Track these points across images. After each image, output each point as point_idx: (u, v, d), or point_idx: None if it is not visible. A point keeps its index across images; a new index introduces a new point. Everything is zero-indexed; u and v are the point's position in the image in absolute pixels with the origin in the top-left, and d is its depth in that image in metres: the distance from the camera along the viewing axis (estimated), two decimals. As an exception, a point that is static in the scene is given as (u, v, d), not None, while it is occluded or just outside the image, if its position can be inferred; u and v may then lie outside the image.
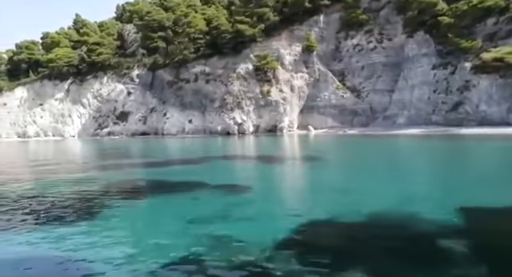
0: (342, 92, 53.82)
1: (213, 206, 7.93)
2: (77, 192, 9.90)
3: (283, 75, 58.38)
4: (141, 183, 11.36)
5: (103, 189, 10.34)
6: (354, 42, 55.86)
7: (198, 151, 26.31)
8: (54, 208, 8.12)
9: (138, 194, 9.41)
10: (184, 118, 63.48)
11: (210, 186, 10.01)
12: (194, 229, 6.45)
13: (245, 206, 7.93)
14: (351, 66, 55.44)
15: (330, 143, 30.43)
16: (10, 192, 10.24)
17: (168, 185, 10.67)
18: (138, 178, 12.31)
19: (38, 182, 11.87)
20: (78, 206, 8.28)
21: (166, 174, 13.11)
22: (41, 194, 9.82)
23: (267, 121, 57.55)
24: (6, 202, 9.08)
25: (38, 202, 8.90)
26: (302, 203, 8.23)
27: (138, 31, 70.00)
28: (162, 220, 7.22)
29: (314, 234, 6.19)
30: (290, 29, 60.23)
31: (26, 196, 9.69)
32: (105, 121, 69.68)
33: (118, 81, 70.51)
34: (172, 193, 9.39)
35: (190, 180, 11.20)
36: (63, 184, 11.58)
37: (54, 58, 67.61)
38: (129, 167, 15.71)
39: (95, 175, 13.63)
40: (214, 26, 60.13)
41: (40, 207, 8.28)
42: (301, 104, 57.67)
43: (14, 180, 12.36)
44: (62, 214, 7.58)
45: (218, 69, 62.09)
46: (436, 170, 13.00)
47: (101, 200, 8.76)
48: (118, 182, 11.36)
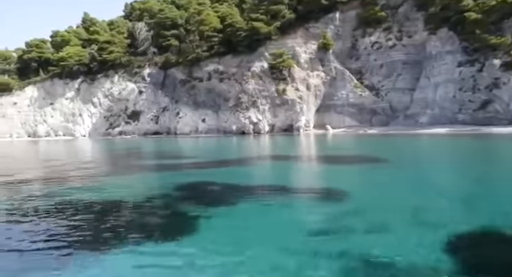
0: (360, 91, 52.74)
1: (319, 215, 6.94)
2: (147, 198, 8.90)
3: (299, 74, 57.35)
4: (210, 187, 10.32)
5: (174, 194, 9.35)
6: (372, 39, 54.78)
7: (231, 151, 25.30)
8: (132, 221, 7.10)
9: (218, 200, 8.41)
10: (197, 118, 62.51)
11: (293, 190, 9.00)
12: (317, 244, 5.44)
13: (358, 214, 6.91)
14: (369, 64, 54.35)
15: (364, 143, 29.35)
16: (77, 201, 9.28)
17: (242, 189, 9.67)
18: (201, 181, 11.29)
19: (98, 188, 10.89)
20: (160, 217, 7.25)
21: (227, 176, 12.12)
22: (108, 202, 8.86)
23: (283, 120, 56.53)
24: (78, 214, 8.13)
25: (115, 215, 7.81)
26: (422, 210, 7.19)
27: (149, 29, 69.04)
28: (270, 232, 6.18)
29: (480, 248, 5.20)
30: (305, 26, 59.22)
31: (99, 203, 8.74)
32: (116, 120, 68.78)
33: (129, 80, 69.60)
34: (257, 198, 8.37)
35: (263, 183, 10.21)
36: (124, 188, 10.61)
37: (64, 57, 66.73)
38: (180, 168, 14.69)
39: (151, 177, 12.65)
40: (229, 24, 59.14)
41: (117, 220, 7.29)
42: (317, 103, 56.63)
43: (73, 187, 11.39)
44: (147, 227, 6.55)
45: (232, 67, 61.10)
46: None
47: (180, 207, 7.78)
48: (183, 186, 10.35)
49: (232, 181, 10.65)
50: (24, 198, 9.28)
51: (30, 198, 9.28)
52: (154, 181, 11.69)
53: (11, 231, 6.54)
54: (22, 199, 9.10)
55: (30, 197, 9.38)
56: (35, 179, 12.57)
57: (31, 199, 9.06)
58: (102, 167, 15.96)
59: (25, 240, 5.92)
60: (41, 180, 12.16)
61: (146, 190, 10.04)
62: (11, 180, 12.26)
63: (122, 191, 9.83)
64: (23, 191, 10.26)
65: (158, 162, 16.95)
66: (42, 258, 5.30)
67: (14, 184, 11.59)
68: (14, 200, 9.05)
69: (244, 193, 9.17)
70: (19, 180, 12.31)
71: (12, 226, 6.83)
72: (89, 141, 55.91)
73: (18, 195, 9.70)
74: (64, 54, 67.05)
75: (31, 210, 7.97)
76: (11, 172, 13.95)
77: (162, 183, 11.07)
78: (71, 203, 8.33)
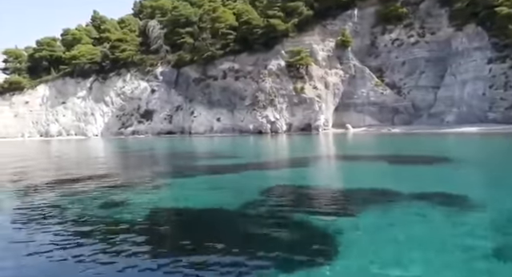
0: (381, 89, 51.51)
1: (465, 226, 5.83)
2: (243, 204, 7.78)
3: (316, 72, 56.18)
4: (302, 191, 9.22)
5: (268, 199, 8.22)
6: (393, 36, 53.53)
7: (271, 150, 24.06)
8: (251, 236, 5.97)
9: (328, 207, 7.32)
10: (212, 117, 61.45)
11: (406, 195, 7.86)
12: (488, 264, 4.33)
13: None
14: (389, 61, 53.11)
15: (399, 142, 28.11)
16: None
17: (341, 194, 8.58)
18: (283, 184, 10.15)
19: (184, 195, 9.75)
20: (282, 231, 6.09)
21: (304, 178, 11.02)
22: (199, 209, 7.77)
23: (300, 119, 55.39)
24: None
25: (227, 227, 6.59)
26: None
27: (162, 27, 68.02)
28: (431, 246, 5.09)
29: None
30: (322, 24, 58.02)
31: (192, 211, 7.66)
32: (128, 119, 67.84)
33: (142, 78, 68.67)
34: (376, 205, 7.25)
35: (360, 186, 9.08)
36: (208, 192, 9.51)
37: (77, 55, 65.86)
38: (237, 169, 13.51)
39: (221, 180, 11.53)
40: (244, 21, 58.02)
41: (232, 233, 6.17)
42: (335, 102, 55.46)
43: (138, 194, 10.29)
44: (273, 245, 5.43)
45: (248, 65, 59.99)
46: None
47: (292, 216, 6.65)
48: (268, 189, 9.25)
49: (317, 183, 9.58)
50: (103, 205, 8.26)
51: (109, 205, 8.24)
52: (230, 184, 10.58)
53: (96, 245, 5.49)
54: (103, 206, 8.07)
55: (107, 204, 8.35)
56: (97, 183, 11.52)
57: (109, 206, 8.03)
58: (160, 169, 14.87)
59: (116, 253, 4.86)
60: (128, 186, 11.09)
61: (233, 194, 8.93)
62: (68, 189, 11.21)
63: (209, 197, 8.75)
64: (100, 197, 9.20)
65: (210, 163, 15.78)
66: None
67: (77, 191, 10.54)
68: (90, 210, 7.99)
69: (349, 198, 8.06)
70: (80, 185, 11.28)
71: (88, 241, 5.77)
72: (104, 140, 54.93)
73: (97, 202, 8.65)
74: (76, 52, 66.20)
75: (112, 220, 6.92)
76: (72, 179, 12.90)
77: (241, 186, 9.96)
78: (162, 210, 7.29)
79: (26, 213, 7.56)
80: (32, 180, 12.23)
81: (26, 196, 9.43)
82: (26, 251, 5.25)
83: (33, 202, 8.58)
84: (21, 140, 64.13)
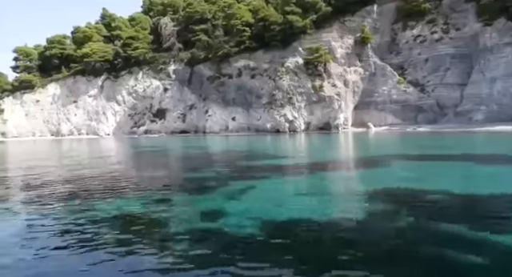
0: (403, 87, 50.05)
1: None
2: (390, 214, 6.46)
3: (335, 69, 54.81)
4: (423, 196, 7.86)
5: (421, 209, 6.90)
6: (415, 32, 52.08)
7: (312, 150, 22.57)
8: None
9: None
10: (227, 116, 60.19)
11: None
12: None
13: None
14: (412, 58, 51.64)
15: (437, 141, 26.66)
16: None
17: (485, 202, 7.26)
18: (390, 188, 8.85)
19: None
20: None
21: (398, 180, 9.69)
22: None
23: (319, 118, 54.04)
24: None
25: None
26: None
27: (175, 24, 66.80)
28: None
29: None
30: (340, 20, 56.65)
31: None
32: (141, 118, 66.68)
33: (154, 77, 67.56)
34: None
35: (485, 192, 7.74)
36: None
37: (88, 53, 64.70)
38: (309, 170, 12.25)
39: (306, 183, 10.24)
40: (261, 18, 56.70)
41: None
42: (355, 100, 54.09)
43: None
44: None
45: (264, 63, 58.69)
46: None
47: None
48: (373, 194, 7.95)
49: (427, 186, 8.27)
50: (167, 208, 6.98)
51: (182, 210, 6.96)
52: (316, 187, 9.25)
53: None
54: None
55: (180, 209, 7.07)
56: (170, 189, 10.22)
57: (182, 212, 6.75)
58: (225, 170, 13.55)
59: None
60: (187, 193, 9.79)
61: (337, 200, 7.62)
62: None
63: (313, 203, 7.44)
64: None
65: (268, 163, 14.39)
66: None
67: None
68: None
69: (497, 207, 6.72)
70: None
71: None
72: (119, 140, 53.70)
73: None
74: (88, 50, 65.06)
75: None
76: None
77: (334, 190, 8.65)
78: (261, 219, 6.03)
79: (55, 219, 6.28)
80: (55, 189, 10.95)
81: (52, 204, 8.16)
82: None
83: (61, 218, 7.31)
84: (32, 140, 63.03)
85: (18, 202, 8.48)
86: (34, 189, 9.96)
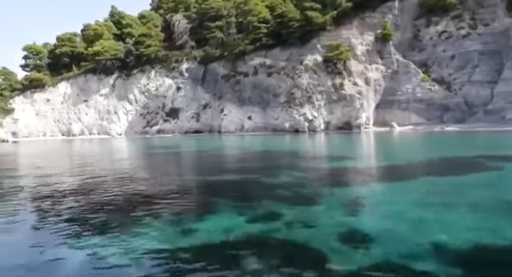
0: (428, 85, 48.32)
1: None
2: None
3: (356, 67, 53.16)
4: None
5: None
6: (439, 28, 50.35)
7: (373, 151, 20.82)
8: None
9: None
10: (242, 115, 58.59)
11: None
12: None
13: None
14: (436, 55, 49.92)
15: (482, 141, 24.99)
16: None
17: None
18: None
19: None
20: None
21: None
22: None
23: (339, 117, 52.37)
24: None
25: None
26: None
27: (189, 21, 65.25)
28: None
29: None
30: (360, 16, 55.04)
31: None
32: (153, 118, 65.17)
33: (167, 75, 66.07)
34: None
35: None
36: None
37: (100, 51, 63.21)
38: (398, 174, 10.67)
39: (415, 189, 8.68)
40: (279, 14, 55.06)
41: None
42: (377, 98, 52.40)
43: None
44: None
45: (281, 61, 57.11)
46: None
47: None
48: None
49: None
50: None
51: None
52: (438, 195, 7.69)
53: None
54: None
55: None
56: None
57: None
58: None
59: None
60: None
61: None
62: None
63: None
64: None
65: (350, 165, 12.87)
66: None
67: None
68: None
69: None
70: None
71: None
72: (133, 140, 52.20)
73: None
74: (99, 47, 63.55)
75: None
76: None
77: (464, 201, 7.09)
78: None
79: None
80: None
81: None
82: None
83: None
84: (43, 139, 61.63)
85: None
86: (49, 199, 8.42)
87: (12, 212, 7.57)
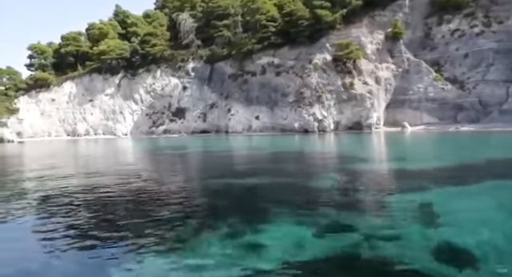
0: (441, 84, 47.40)
1: None
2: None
3: (366, 66, 52.30)
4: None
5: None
6: (452, 27, 49.39)
7: (409, 152, 19.72)
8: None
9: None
10: (250, 115, 57.77)
11: None
12: None
13: None
14: (449, 54, 48.98)
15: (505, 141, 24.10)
16: None
17: None
18: None
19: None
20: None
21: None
22: None
23: (349, 117, 51.50)
24: None
25: None
26: None
27: (196, 20, 64.46)
28: None
29: None
30: (370, 15, 54.25)
31: None
32: (159, 118, 64.38)
33: (173, 75, 65.30)
34: None
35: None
36: None
37: (106, 50, 62.47)
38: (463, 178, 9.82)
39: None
40: (288, 13, 54.21)
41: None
42: (387, 98, 51.49)
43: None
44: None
45: (289, 60, 56.28)
46: None
47: None
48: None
49: None
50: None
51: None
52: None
53: None
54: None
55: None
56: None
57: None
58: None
59: None
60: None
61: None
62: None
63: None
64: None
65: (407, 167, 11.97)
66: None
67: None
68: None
69: None
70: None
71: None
72: (141, 140, 51.46)
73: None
74: (105, 47, 62.81)
75: None
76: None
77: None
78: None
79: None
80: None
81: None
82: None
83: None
84: (48, 140, 60.95)
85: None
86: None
87: (29, 216, 6.78)
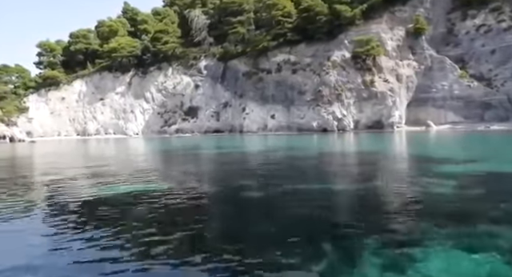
0: (466, 81, 45.65)
1: None
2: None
3: (386, 63, 50.67)
4: None
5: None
6: (477, 22, 47.61)
7: (470, 151, 17.88)
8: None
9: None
10: (265, 114, 56.26)
11: None
12: None
13: None
14: (474, 50, 47.22)
15: None
16: None
17: None
18: None
19: None
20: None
21: None
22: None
23: (369, 116, 49.88)
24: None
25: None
26: None
27: (209, 17, 62.96)
28: None
29: None
30: (390, 10, 52.54)
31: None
32: (171, 117, 62.96)
33: (184, 73, 63.86)
34: None
35: None
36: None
37: (117, 48, 61.09)
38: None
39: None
40: (305, 8, 52.58)
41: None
42: (409, 96, 49.81)
43: None
44: None
45: (306, 57, 54.73)
46: None
47: None
48: None
49: None
50: None
51: None
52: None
53: None
54: None
55: None
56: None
57: None
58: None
59: None
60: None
61: None
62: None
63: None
64: None
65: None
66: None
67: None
68: None
69: None
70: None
71: None
72: (152, 140, 49.94)
73: None
74: (116, 44, 61.44)
75: None
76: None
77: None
78: None
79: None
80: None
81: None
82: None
83: None
84: (57, 139, 59.61)
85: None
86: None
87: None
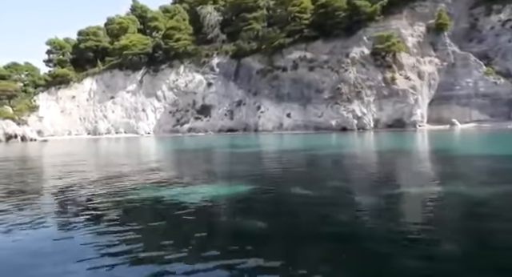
0: (492, 78, 44.14)
1: None
2: None
3: (407, 60, 49.24)
4: None
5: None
6: (502, 17, 46.19)
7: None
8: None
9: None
10: (281, 112, 54.82)
11: None
12: None
13: None
14: (499, 46, 45.80)
15: None
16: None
17: None
18: None
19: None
20: None
21: None
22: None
23: (389, 114, 48.42)
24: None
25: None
26: None
27: (222, 14, 61.59)
28: None
29: None
30: (410, 5, 51.15)
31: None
32: (183, 116, 61.64)
33: (197, 70, 62.52)
34: None
35: None
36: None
37: (128, 45, 59.80)
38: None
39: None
40: (322, 4, 51.13)
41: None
42: (431, 94, 48.33)
43: None
44: None
45: (323, 54, 53.29)
46: None
47: None
48: None
49: None
50: None
51: None
52: None
53: None
54: None
55: None
56: None
57: None
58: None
59: None
60: None
61: None
62: None
63: None
64: None
65: None
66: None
67: None
68: None
69: None
70: None
71: None
72: (166, 139, 48.60)
73: None
74: (127, 42, 60.16)
75: None
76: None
77: None
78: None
79: None
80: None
81: None
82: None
83: None
84: (68, 138, 58.42)
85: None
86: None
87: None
